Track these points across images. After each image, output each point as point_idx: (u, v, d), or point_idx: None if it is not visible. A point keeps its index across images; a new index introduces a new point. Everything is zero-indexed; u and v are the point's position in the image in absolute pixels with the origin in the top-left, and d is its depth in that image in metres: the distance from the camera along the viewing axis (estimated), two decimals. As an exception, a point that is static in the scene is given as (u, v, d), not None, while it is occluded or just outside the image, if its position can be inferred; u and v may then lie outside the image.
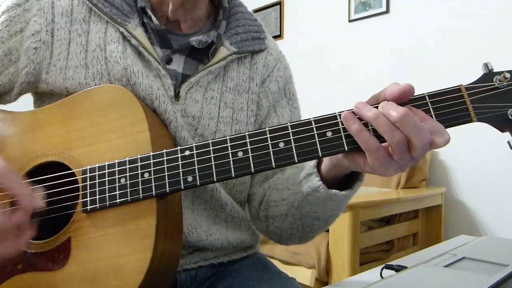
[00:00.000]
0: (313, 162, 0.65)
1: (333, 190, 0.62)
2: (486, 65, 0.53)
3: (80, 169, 0.61)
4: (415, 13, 2.57)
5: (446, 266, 0.74)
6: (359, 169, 0.58)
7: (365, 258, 1.95)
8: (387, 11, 2.70)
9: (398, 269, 0.81)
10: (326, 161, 0.63)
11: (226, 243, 0.75)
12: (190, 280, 0.74)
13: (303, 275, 1.91)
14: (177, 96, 0.71)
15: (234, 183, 0.77)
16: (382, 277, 0.81)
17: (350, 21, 2.90)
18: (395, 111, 0.50)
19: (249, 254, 0.82)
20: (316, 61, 3.08)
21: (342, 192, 0.63)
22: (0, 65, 0.69)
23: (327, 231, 1.86)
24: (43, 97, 0.74)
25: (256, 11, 3.56)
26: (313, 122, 0.55)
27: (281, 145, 0.55)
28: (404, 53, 2.60)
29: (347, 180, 0.65)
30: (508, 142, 0.52)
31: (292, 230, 0.74)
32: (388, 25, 2.70)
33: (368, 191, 2.27)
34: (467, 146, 2.29)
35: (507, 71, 0.52)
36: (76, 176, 0.62)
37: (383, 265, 0.85)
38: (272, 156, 0.55)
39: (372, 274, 0.90)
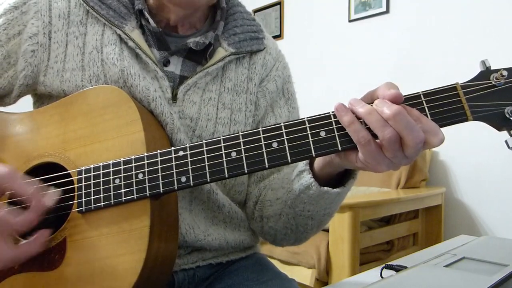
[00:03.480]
0: (306, 159, 0.64)
1: (325, 188, 0.62)
2: (483, 62, 0.52)
3: (76, 169, 0.61)
4: (415, 13, 2.57)
5: (446, 266, 0.74)
6: (351, 166, 0.57)
7: (365, 258, 1.95)
8: (387, 11, 2.70)
9: (398, 269, 0.81)
10: (319, 159, 0.62)
11: (224, 243, 0.75)
12: (188, 280, 0.73)
13: (303, 275, 1.91)
14: (174, 98, 0.71)
15: (233, 184, 0.77)
16: (382, 277, 0.81)
17: (350, 21, 2.90)
18: (388, 108, 0.50)
19: (248, 254, 0.82)
20: (316, 61, 3.08)
21: (335, 189, 0.62)
22: (0, 68, 0.69)
23: (327, 231, 1.85)
24: (42, 98, 0.74)
25: (256, 11, 3.56)
26: (306, 122, 0.54)
27: (275, 145, 0.55)
28: (404, 53, 2.60)
29: (341, 179, 0.65)
30: (506, 141, 0.51)
31: (286, 230, 0.73)
32: (388, 25, 2.70)
33: (368, 191, 2.27)
34: (467, 146, 2.29)
35: (504, 69, 0.51)
36: (71, 177, 0.62)
37: (383, 265, 0.85)
38: (265, 156, 0.55)
39: (372, 274, 0.89)
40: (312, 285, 1.88)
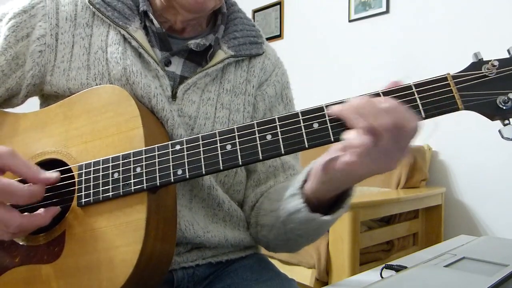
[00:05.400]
0: (299, 183, 0.63)
1: (314, 214, 0.61)
2: (475, 54, 0.53)
3: (77, 165, 0.63)
4: (415, 13, 2.57)
5: (446, 266, 0.74)
6: (355, 174, 0.55)
7: (365, 258, 1.94)
8: (387, 11, 2.70)
9: (398, 269, 0.81)
10: (313, 178, 0.61)
11: (224, 241, 0.75)
12: (187, 278, 0.73)
13: (303, 275, 1.91)
14: (174, 96, 0.73)
15: (232, 183, 0.77)
16: (382, 277, 0.81)
17: (350, 21, 2.90)
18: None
19: (248, 254, 0.82)
20: (316, 61, 3.08)
21: (322, 218, 0.61)
22: (8, 69, 0.71)
23: (327, 231, 1.85)
24: (48, 100, 0.76)
25: (256, 11, 3.56)
26: (300, 114, 0.55)
27: (269, 137, 0.56)
28: (404, 53, 2.60)
29: (335, 202, 0.63)
30: (499, 131, 0.51)
31: (277, 241, 0.74)
32: (388, 25, 2.70)
33: (368, 191, 2.27)
34: (467, 146, 2.28)
35: (495, 59, 0.52)
36: (72, 172, 0.63)
37: (383, 265, 0.85)
38: (259, 148, 0.56)
39: (372, 274, 0.89)
40: (312, 285, 1.88)
